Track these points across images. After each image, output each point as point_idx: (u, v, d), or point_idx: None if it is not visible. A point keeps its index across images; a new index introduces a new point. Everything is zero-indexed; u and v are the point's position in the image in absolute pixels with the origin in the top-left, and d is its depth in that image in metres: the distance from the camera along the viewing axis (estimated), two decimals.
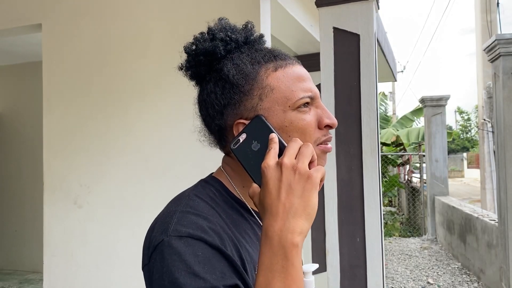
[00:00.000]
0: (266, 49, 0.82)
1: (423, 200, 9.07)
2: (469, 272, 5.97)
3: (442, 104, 8.27)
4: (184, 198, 0.75)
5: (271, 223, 0.63)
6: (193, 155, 2.59)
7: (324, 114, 0.78)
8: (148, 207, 2.70)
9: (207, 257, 0.65)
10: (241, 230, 0.75)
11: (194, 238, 0.66)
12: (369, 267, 2.22)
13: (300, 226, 0.63)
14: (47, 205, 3.04)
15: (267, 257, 0.62)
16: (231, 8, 2.59)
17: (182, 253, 0.64)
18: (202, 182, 0.81)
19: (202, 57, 0.79)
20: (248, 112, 0.75)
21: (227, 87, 0.76)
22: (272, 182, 0.64)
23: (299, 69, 0.79)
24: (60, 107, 3.05)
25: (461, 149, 38.33)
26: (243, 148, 0.71)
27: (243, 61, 0.77)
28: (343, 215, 2.28)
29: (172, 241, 0.66)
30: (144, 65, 2.81)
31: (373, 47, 2.26)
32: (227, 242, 0.68)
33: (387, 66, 5.66)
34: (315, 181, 0.64)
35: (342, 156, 2.28)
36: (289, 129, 0.75)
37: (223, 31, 0.80)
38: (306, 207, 0.63)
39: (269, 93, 0.75)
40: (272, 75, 0.76)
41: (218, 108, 0.77)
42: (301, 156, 0.66)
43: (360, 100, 2.26)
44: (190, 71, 0.82)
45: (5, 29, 3.25)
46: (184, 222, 0.68)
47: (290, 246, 0.61)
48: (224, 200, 0.77)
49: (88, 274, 2.90)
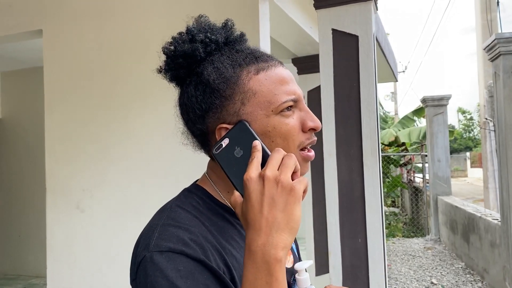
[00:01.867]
0: (248, 50, 0.79)
1: (426, 200, 9.05)
2: (473, 271, 5.95)
3: (443, 103, 8.26)
4: (166, 211, 0.74)
5: (254, 237, 0.62)
6: (194, 158, 2.58)
7: (307, 117, 0.76)
8: (150, 211, 2.68)
9: (189, 270, 0.64)
10: (228, 236, 0.74)
11: (175, 252, 0.65)
12: (371, 268, 2.22)
13: (284, 240, 0.62)
14: (50, 210, 3.05)
15: (251, 272, 0.62)
16: (230, 11, 2.60)
17: (163, 269, 0.64)
18: (185, 192, 0.80)
19: (181, 59, 0.77)
20: (231, 116, 0.73)
21: (207, 91, 0.74)
22: (255, 195, 0.63)
23: (281, 71, 0.77)
24: (61, 112, 3.07)
25: (464, 149, 38.25)
26: (226, 154, 0.70)
27: (223, 64, 0.75)
28: (344, 216, 2.29)
29: (154, 257, 0.65)
30: (144, 68, 2.81)
31: (372, 48, 2.27)
32: (210, 252, 0.67)
33: (388, 67, 5.66)
34: (298, 194, 0.63)
35: (343, 157, 2.28)
36: (272, 134, 0.73)
37: (203, 31, 0.77)
38: (290, 221, 0.63)
39: (251, 97, 0.73)
40: (254, 78, 0.74)
41: (199, 113, 0.75)
42: (283, 168, 0.64)
43: (360, 101, 2.27)
44: (169, 73, 0.80)
45: (7, 35, 3.28)
46: (164, 236, 0.67)
47: (273, 261, 0.61)
48: (208, 208, 0.76)
49: (91, 279, 2.91)
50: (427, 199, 8.93)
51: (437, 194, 8.20)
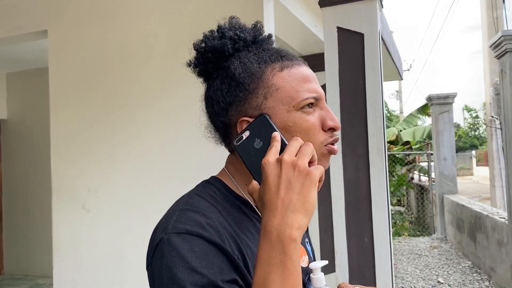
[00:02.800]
0: (274, 49, 0.82)
1: (432, 199, 9.00)
2: (480, 270, 5.91)
3: (449, 102, 8.22)
4: (184, 198, 0.77)
5: (269, 218, 0.64)
6: (199, 158, 2.59)
7: (328, 116, 0.79)
8: (155, 211, 2.69)
9: (205, 252, 0.66)
10: (243, 227, 0.76)
11: (192, 234, 0.67)
12: (377, 267, 2.21)
13: (299, 221, 0.63)
14: (56, 210, 3.06)
15: (266, 251, 0.63)
16: (235, 10, 2.59)
17: (179, 249, 0.65)
18: (204, 183, 0.83)
19: (210, 54, 0.80)
20: (253, 110, 0.76)
21: (233, 84, 0.77)
22: (272, 178, 0.65)
23: (305, 70, 0.80)
24: (66, 112, 3.07)
25: (470, 147, 38.03)
26: (246, 145, 0.72)
27: (250, 60, 0.78)
28: (350, 215, 2.28)
29: (170, 238, 0.67)
30: (149, 68, 2.83)
31: (378, 45, 2.25)
32: (226, 238, 0.69)
33: (393, 65, 5.63)
34: (314, 178, 0.65)
35: (349, 156, 2.27)
36: (293, 129, 0.76)
37: (232, 29, 0.81)
38: (305, 202, 0.64)
39: (274, 92, 0.76)
40: (278, 74, 0.77)
41: (223, 105, 0.78)
42: (301, 154, 0.66)
43: (366, 99, 2.26)
44: (198, 68, 0.84)
45: (12, 36, 3.28)
46: (182, 219, 0.69)
47: (288, 240, 0.62)
48: (225, 199, 0.78)
49: (97, 279, 2.91)
50: (433, 198, 8.89)
51: (443, 193, 8.17)
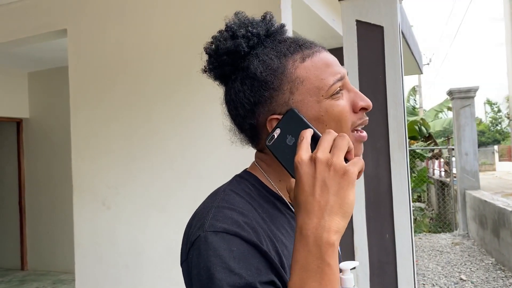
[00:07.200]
0: (290, 39, 0.78)
1: (453, 194, 8.85)
2: (504, 267, 5.79)
3: (471, 95, 8.05)
4: (220, 193, 0.74)
5: (305, 220, 0.61)
6: (216, 155, 2.59)
7: (357, 96, 0.76)
8: (174, 207, 2.72)
9: (242, 252, 0.64)
10: (278, 224, 0.74)
11: (230, 234, 0.65)
12: (399, 264, 2.17)
13: (336, 224, 0.60)
14: (77, 207, 3.10)
15: (302, 255, 0.60)
16: (253, 5, 2.57)
17: (217, 248, 0.64)
18: (237, 177, 0.80)
19: (225, 56, 0.76)
20: (281, 107, 0.73)
21: (256, 84, 0.74)
22: (306, 178, 0.62)
23: (326, 55, 0.77)
24: (86, 110, 3.11)
25: (492, 142, 37.28)
26: (278, 144, 0.70)
27: (268, 56, 0.75)
28: (371, 211, 2.24)
29: (208, 237, 0.65)
30: (167, 67, 2.83)
31: (398, 38, 2.21)
32: (263, 237, 0.67)
33: (413, 59, 5.55)
34: (352, 177, 0.61)
35: (369, 151, 2.24)
36: (325, 118, 0.73)
37: (243, 26, 0.77)
38: (343, 204, 0.61)
39: (300, 85, 0.73)
40: (300, 66, 0.74)
41: (248, 107, 0.75)
42: (336, 150, 0.63)
43: (386, 93, 2.22)
44: (213, 72, 0.79)
45: (33, 36, 3.34)
46: (219, 217, 0.68)
47: (326, 245, 0.59)
48: (260, 195, 0.76)
49: (118, 274, 2.95)
50: (455, 194, 8.74)
51: (465, 189, 8.02)
